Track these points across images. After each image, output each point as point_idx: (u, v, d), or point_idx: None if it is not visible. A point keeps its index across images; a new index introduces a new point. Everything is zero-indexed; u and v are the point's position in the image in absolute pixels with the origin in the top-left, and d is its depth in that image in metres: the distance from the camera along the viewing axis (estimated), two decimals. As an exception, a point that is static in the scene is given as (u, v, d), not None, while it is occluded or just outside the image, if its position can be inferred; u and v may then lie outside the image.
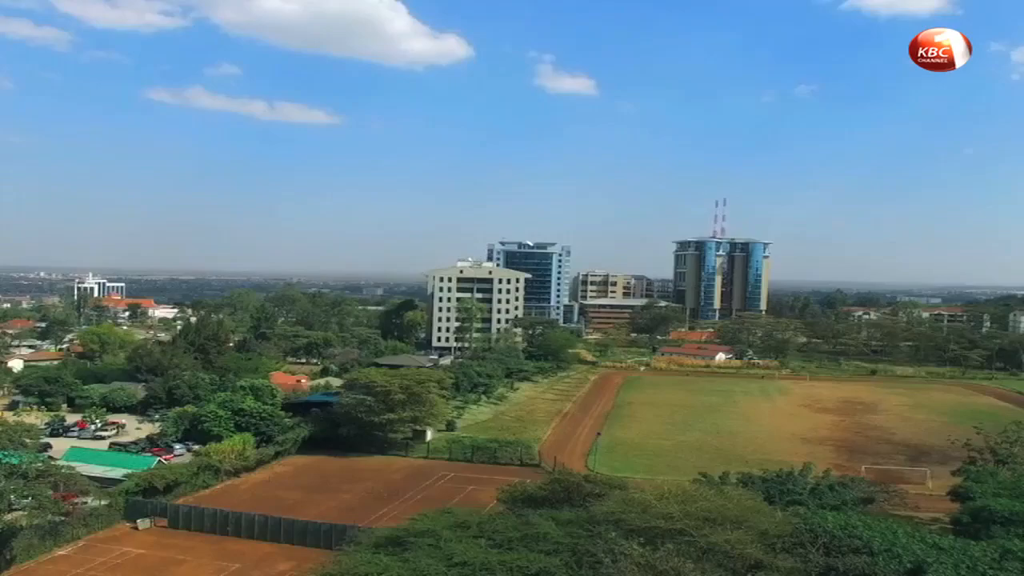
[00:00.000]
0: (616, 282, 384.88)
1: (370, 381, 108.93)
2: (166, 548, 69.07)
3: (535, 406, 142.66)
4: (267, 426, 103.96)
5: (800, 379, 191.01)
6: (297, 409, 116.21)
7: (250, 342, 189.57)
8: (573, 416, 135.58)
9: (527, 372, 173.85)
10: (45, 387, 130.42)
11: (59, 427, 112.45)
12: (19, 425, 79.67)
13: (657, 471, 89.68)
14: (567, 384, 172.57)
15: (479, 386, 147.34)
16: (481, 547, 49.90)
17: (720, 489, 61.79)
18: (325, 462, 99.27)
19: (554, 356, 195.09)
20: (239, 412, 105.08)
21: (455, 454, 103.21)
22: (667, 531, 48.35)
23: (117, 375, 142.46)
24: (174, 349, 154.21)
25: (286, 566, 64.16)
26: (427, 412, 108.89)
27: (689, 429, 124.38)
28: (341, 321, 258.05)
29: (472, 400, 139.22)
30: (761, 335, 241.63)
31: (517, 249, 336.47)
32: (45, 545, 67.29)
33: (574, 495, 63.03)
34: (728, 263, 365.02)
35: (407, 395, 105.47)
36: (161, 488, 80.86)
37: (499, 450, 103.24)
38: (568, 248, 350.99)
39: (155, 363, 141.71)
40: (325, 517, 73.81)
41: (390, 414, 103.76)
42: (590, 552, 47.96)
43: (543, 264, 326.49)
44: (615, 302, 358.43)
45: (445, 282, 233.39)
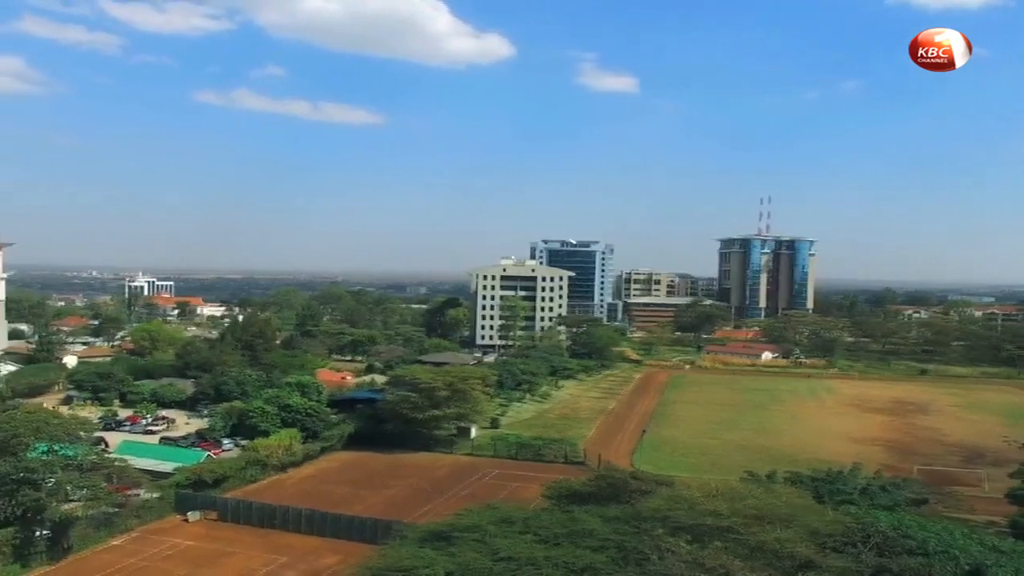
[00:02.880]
0: (660, 280, 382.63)
1: (414, 378, 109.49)
2: (215, 540, 70.14)
3: (579, 404, 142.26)
4: (313, 422, 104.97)
5: (848, 378, 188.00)
6: (342, 406, 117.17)
7: (296, 339, 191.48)
8: (618, 414, 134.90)
9: (571, 370, 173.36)
10: (98, 383, 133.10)
11: (112, 422, 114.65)
12: (74, 419, 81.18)
13: (703, 469, 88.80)
14: (611, 382, 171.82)
15: (523, 384, 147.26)
16: (527, 543, 49.75)
17: (768, 487, 61.03)
18: (370, 458, 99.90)
19: (598, 354, 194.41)
20: (286, 408, 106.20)
21: (499, 451, 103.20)
22: (715, 529, 47.76)
23: (167, 371, 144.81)
24: (222, 346, 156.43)
25: (332, 560, 64.68)
26: (471, 409, 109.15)
27: (735, 428, 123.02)
28: (385, 319, 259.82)
29: (516, 398, 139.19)
30: (808, 334, 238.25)
31: (560, 247, 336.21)
32: (100, 535, 68.96)
33: (620, 492, 62.59)
34: (774, 261, 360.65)
35: (451, 392, 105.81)
36: (210, 482, 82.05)
37: (544, 447, 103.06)
38: (611, 246, 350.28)
39: (203, 360, 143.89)
40: (370, 512, 74.37)
41: (434, 411, 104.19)
42: (637, 549, 47.53)
43: (586, 262, 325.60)
44: (659, 300, 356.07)
45: (489, 280, 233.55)
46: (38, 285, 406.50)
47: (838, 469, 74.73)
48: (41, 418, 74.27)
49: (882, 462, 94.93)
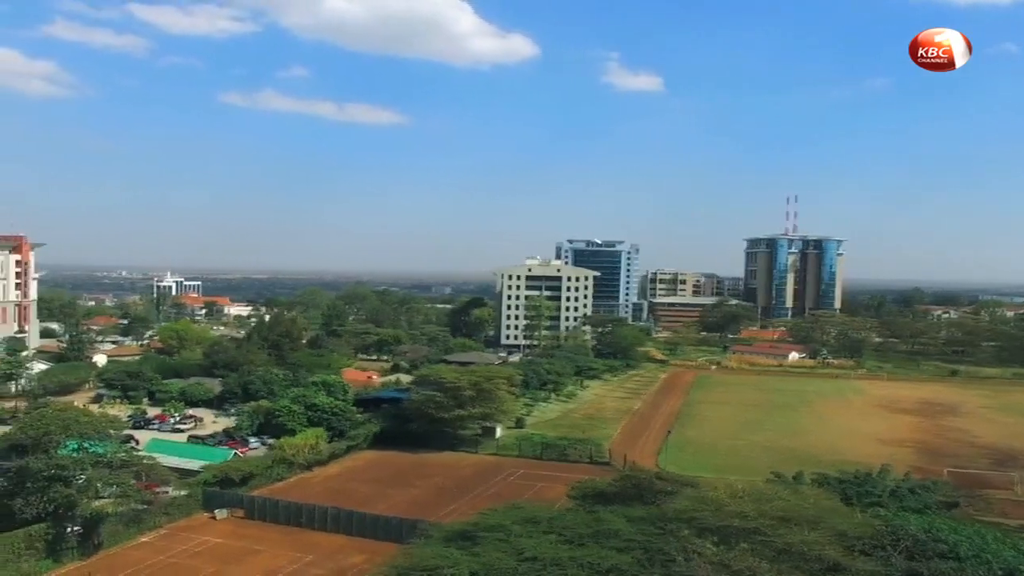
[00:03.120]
0: (685, 280, 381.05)
1: (440, 378, 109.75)
2: (243, 538, 70.70)
3: (604, 404, 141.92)
4: (339, 421, 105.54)
5: (876, 379, 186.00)
6: (368, 405, 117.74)
7: (322, 339, 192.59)
8: (643, 414, 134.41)
9: (596, 370, 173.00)
10: (127, 381, 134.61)
11: (140, 420, 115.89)
12: (104, 417, 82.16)
13: (728, 470, 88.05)
14: (637, 382, 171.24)
15: (548, 384, 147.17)
16: (551, 543, 49.68)
17: (795, 489, 60.59)
18: (395, 457, 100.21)
19: (623, 354, 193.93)
20: (312, 407, 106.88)
21: (524, 451, 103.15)
22: (741, 530, 47.49)
23: (194, 370, 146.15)
24: (248, 345, 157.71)
25: (358, 558, 64.95)
26: (496, 409, 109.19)
27: (761, 429, 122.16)
28: (410, 319, 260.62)
29: (541, 398, 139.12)
30: (835, 334, 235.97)
31: (585, 247, 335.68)
32: (130, 532, 69.81)
33: (645, 492, 62.37)
34: (801, 261, 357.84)
35: (476, 392, 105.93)
36: (237, 480, 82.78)
37: (568, 447, 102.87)
38: (637, 246, 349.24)
39: (230, 359, 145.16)
40: (395, 511, 74.63)
41: (460, 411, 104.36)
42: (662, 550, 47.34)
43: (612, 262, 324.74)
44: (685, 300, 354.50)
45: (514, 280, 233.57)
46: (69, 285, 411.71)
47: (866, 471, 74.08)
48: (71, 416, 75.16)
49: (911, 464, 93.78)
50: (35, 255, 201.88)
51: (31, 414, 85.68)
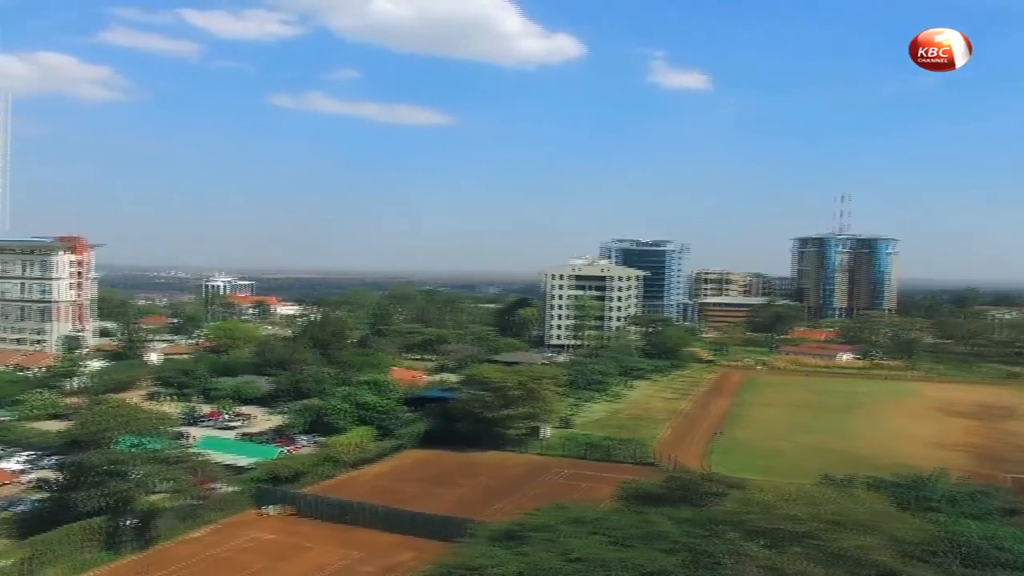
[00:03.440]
0: (733, 280, 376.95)
1: (486, 377, 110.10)
2: (292, 535, 71.65)
3: (651, 404, 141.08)
4: (387, 420, 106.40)
5: (930, 381, 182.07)
6: (415, 404, 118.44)
7: (369, 338, 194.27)
8: (690, 415, 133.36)
9: (643, 370, 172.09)
10: (180, 379, 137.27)
11: (193, 417, 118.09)
12: (158, 414, 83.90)
13: (778, 472, 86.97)
14: (684, 383, 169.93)
15: (594, 384, 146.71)
16: (598, 543, 49.57)
17: (847, 492, 59.62)
18: (442, 456, 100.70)
19: (670, 354, 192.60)
20: (360, 406, 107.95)
21: (570, 451, 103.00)
22: (792, 534, 46.92)
23: (245, 369, 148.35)
24: (297, 345, 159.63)
25: (406, 556, 65.39)
26: (543, 409, 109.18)
27: (811, 430, 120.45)
28: (456, 318, 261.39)
29: (587, 398, 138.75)
30: (887, 334, 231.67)
31: (632, 247, 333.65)
32: (183, 526, 71.24)
33: (692, 494, 61.99)
34: (851, 260, 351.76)
35: (523, 392, 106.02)
36: (287, 477, 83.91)
37: (615, 448, 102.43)
38: (684, 246, 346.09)
39: (280, 358, 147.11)
40: (442, 510, 74.98)
41: (506, 410, 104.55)
42: (709, 552, 46.95)
43: (658, 262, 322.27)
44: (732, 300, 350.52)
45: (559, 280, 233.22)
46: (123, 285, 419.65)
47: (920, 475, 72.52)
48: (127, 412, 76.91)
49: (968, 469, 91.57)
50: (92, 256, 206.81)
51: (89, 410, 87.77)
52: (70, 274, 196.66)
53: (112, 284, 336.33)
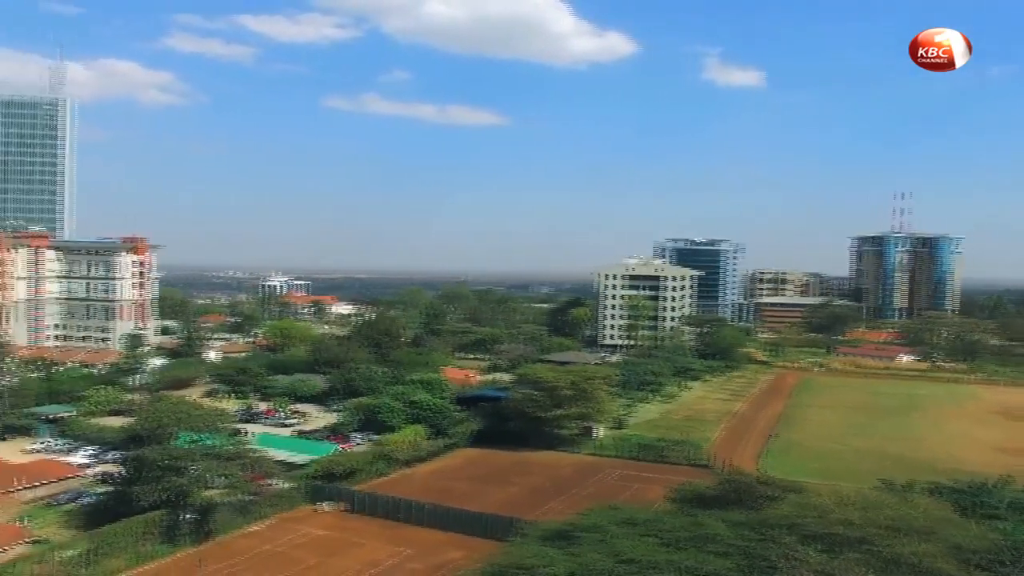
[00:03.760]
0: (789, 280, 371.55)
1: (538, 377, 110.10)
2: (345, 531, 72.55)
3: (705, 405, 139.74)
4: (439, 419, 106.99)
5: (993, 384, 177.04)
6: (467, 403, 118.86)
7: (422, 338, 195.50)
8: (744, 416, 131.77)
9: (697, 371, 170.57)
10: (237, 377, 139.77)
11: (249, 414, 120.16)
12: (215, 411, 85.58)
13: (834, 476, 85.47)
14: (738, 384, 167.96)
15: (647, 384, 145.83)
16: (649, 545, 49.32)
17: (905, 497, 58.40)
18: (494, 455, 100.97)
19: (724, 355, 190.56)
20: (413, 404, 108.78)
21: (623, 451, 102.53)
22: (848, 539, 46.16)
23: (300, 367, 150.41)
24: (351, 343, 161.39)
25: (457, 554, 65.71)
26: (595, 409, 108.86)
27: (868, 434, 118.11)
28: (509, 318, 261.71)
29: (640, 398, 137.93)
30: (949, 336, 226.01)
31: (686, 246, 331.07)
32: (239, 521, 72.67)
33: (746, 497, 61.23)
34: (911, 259, 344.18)
35: (575, 392, 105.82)
36: (340, 474, 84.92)
37: (668, 449, 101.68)
38: (740, 245, 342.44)
39: (334, 357, 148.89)
40: (493, 509, 75.21)
41: (558, 410, 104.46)
42: (763, 556, 46.36)
43: (713, 261, 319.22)
44: (788, 300, 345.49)
45: (613, 279, 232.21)
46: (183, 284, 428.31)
47: (983, 481, 70.64)
48: (185, 409, 78.77)
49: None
50: (153, 256, 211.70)
51: (149, 407, 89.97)
52: (133, 274, 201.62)
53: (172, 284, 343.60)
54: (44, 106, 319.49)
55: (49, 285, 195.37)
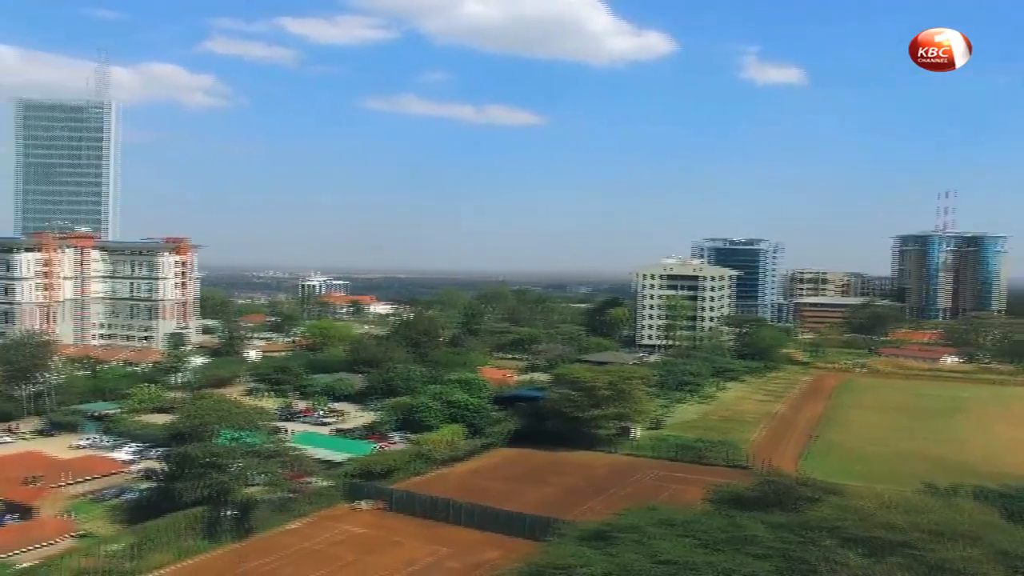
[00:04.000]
0: (829, 280, 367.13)
1: (576, 377, 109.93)
2: (383, 529, 73.03)
3: (744, 406, 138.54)
4: (476, 418, 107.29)
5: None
6: (505, 403, 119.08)
7: (460, 337, 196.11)
8: (784, 417, 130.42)
9: (735, 371, 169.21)
10: (277, 376, 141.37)
11: (288, 412, 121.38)
12: (254, 409, 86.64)
13: (876, 479, 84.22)
14: (778, 384, 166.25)
15: (686, 385, 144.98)
16: (687, 546, 48.99)
17: (950, 501, 57.40)
18: (531, 455, 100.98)
19: (764, 356, 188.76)
20: (450, 404, 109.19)
21: (660, 452, 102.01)
22: (890, 543, 45.48)
23: (339, 366, 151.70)
24: (389, 343, 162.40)
25: (494, 554, 65.82)
26: (633, 409, 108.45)
27: (912, 436, 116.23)
28: (547, 318, 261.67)
29: (678, 399, 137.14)
30: (996, 337, 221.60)
31: (724, 246, 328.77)
32: (279, 518, 73.54)
33: (786, 498, 60.55)
34: (956, 259, 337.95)
35: (613, 392, 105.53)
36: (378, 473, 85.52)
37: (706, 450, 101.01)
38: (779, 245, 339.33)
39: (372, 356, 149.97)
40: (530, 509, 75.17)
41: (596, 410, 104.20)
42: (803, 559, 45.85)
43: (752, 261, 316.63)
44: (829, 300, 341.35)
45: (651, 279, 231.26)
46: (224, 284, 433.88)
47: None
48: (226, 407, 79.87)
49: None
50: (195, 256, 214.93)
51: (191, 405, 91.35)
52: (175, 274, 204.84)
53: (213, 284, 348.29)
54: (91, 110, 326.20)
55: (94, 285, 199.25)
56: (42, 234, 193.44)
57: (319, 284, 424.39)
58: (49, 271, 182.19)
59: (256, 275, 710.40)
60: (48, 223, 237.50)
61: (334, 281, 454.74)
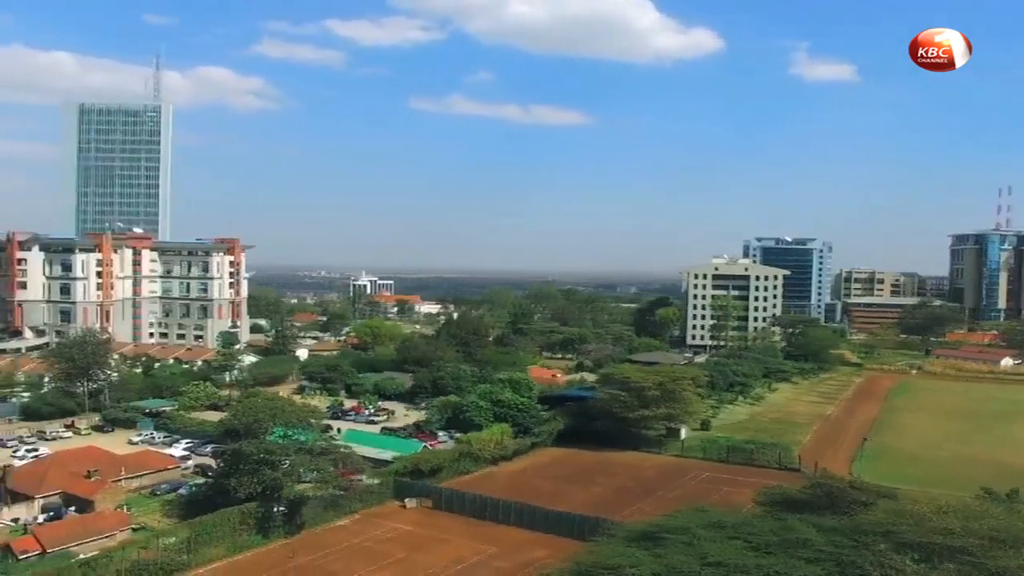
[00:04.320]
0: (883, 279, 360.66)
1: (625, 377, 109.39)
2: (430, 527, 73.45)
3: (794, 408, 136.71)
4: (524, 418, 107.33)
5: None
6: (552, 402, 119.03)
7: (508, 337, 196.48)
8: (836, 420, 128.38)
9: (786, 372, 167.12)
10: (326, 374, 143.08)
11: (338, 411, 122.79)
12: (305, 407, 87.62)
13: (931, 483, 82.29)
14: (829, 386, 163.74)
15: (735, 385, 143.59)
16: (737, 548, 48.42)
17: (1010, 507, 56.01)
18: (579, 455, 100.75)
19: (815, 356, 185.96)
20: (498, 403, 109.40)
21: (710, 453, 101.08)
22: (946, 548, 44.44)
23: (387, 365, 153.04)
24: (438, 342, 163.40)
25: (541, 553, 65.79)
26: (682, 410, 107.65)
27: (969, 440, 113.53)
28: (595, 318, 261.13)
29: (728, 399, 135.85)
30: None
31: (774, 245, 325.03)
32: (328, 515, 74.53)
33: (838, 502, 59.57)
34: (1016, 257, 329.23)
35: (661, 392, 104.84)
36: (426, 471, 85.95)
37: (756, 451, 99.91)
38: (829, 244, 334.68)
39: (420, 355, 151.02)
40: (578, 509, 74.96)
41: (644, 410, 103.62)
42: (856, 564, 45.04)
43: (802, 260, 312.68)
44: (882, 300, 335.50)
45: (700, 279, 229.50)
46: (275, 284, 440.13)
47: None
48: (278, 405, 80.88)
49: None
50: (245, 256, 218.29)
51: (243, 403, 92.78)
52: (227, 274, 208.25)
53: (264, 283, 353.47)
54: (146, 113, 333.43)
55: (149, 285, 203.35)
56: (99, 235, 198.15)
57: (368, 284, 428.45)
58: (106, 271, 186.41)
59: (306, 275, 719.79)
60: (105, 224, 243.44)
61: (381, 281, 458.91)
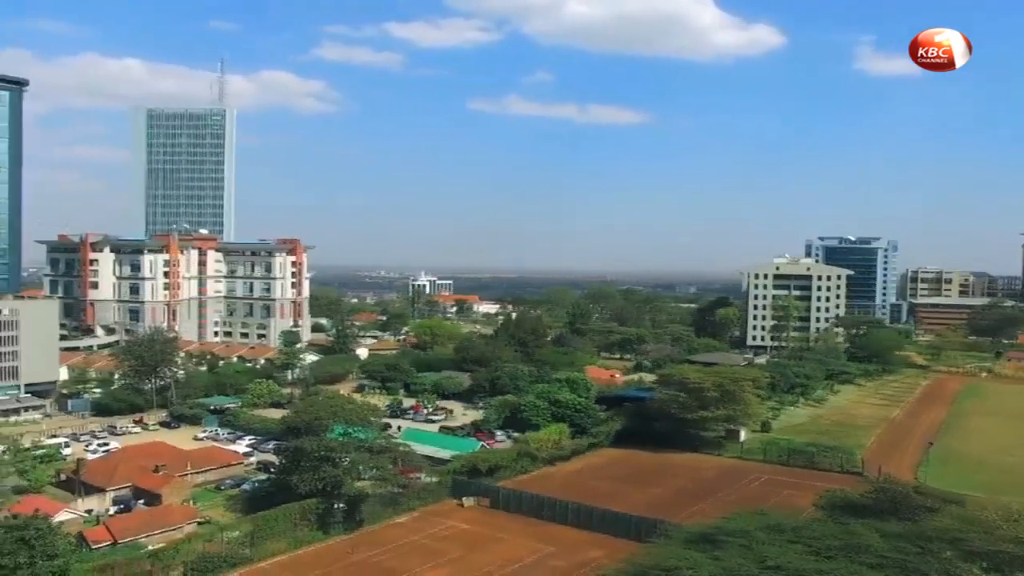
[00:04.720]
0: (951, 279, 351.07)
1: (684, 378, 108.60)
2: (487, 526, 73.88)
3: (857, 410, 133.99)
4: (582, 418, 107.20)
5: None
6: (610, 403, 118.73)
7: (566, 337, 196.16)
8: (901, 423, 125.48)
9: (849, 374, 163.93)
10: (386, 373, 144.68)
11: (397, 409, 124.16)
12: (365, 405, 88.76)
13: (1001, 490, 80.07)
14: (894, 388, 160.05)
15: (797, 387, 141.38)
16: (797, 553, 47.82)
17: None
18: (636, 456, 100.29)
19: (879, 358, 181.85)
20: (556, 403, 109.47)
21: (770, 456, 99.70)
22: (1017, 558, 43.33)
23: (446, 364, 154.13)
24: (496, 342, 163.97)
25: (598, 553, 65.74)
26: (741, 411, 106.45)
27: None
28: (654, 318, 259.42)
29: (789, 401, 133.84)
30: None
31: (838, 244, 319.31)
32: (387, 512, 75.60)
33: (902, 507, 58.45)
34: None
35: (721, 393, 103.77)
36: (484, 470, 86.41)
37: (818, 454, 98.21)
38: (895, 243, 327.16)
39: (479, 355, 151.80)
40: (635, 509, 74.61)
41: (703, 412, 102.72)
42: (921, 571, 44.21)
43: (866, 260, 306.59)
44: (950, 301, 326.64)
45: (761, 279, 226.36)
46: (335, 284, 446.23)
47: None
48: (338, 403, 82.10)
49: None
50: (307, 257, 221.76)
51: (305, 400, 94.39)
52: (290, 274, 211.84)
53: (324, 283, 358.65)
54: (211, 117, 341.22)
55: (214, 284, 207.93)
56: (167, 236, 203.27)
57: (428, 284, 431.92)
58: (173, 271, 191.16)
59: (366, 275, 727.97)
60: (172, 226, 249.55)
61: (440, 280, 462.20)
